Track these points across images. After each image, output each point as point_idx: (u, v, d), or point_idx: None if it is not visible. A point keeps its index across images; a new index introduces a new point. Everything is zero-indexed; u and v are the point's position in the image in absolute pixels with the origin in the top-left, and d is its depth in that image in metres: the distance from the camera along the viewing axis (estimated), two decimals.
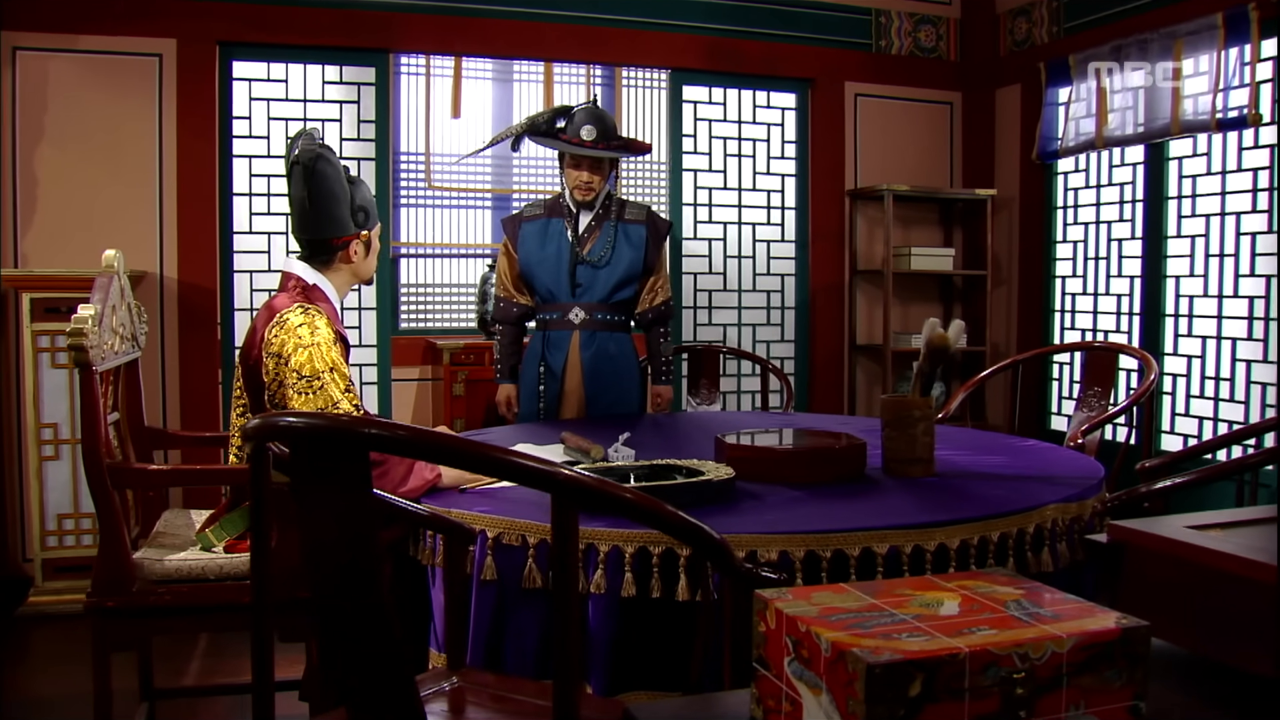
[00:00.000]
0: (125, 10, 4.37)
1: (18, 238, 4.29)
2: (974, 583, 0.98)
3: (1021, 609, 0.90)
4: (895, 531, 1.99)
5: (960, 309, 5.70)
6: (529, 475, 1.25)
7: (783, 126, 5.51)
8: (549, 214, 3.69)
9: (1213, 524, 1.20)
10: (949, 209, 5.69)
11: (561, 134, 3.64)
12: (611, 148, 3.62)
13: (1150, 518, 1.20)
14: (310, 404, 2.37)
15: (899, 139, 5.57)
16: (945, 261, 5.44)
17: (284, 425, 1.33)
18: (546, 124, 3.69)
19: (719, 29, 5.26)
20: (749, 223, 5.50)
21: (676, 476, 2.31)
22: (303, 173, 2.55)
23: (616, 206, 3.68)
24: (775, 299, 5.56)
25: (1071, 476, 2.47)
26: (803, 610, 0.89)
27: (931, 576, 1.02)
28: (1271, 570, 1.00)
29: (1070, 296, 5.11)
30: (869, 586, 0.97)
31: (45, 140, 4.32)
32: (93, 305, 2.30)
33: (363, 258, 2.67)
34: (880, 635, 0.83)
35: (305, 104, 4.76)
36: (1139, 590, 1.17)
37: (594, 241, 3.64)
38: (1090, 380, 3.77)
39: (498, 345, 3.76)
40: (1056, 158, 5.03)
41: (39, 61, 4.31)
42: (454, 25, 4.91)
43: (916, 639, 0.82)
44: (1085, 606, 0.92)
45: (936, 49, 5.61)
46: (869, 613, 0.89)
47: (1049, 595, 0.94)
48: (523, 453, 1.30)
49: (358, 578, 1.30)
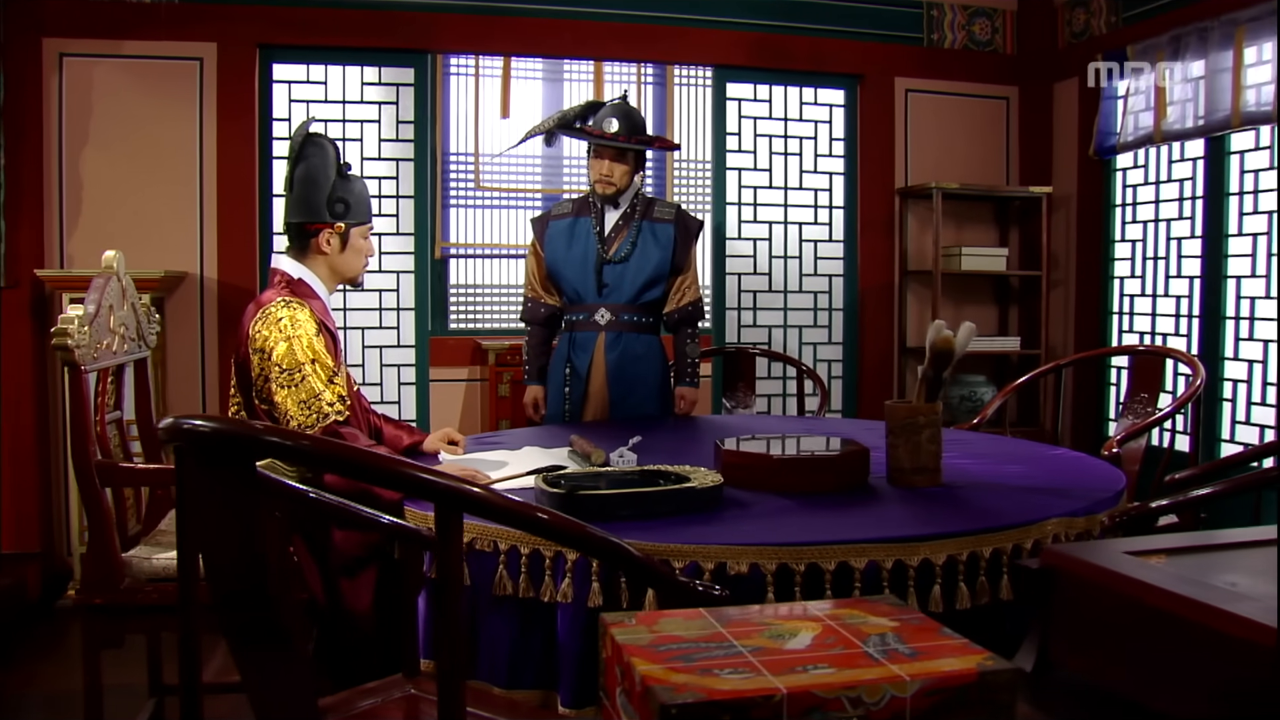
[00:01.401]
0: (167, 15, 4.44)
1: (63, 239, 4.39)
2: (848, 612, 0.89)
3: (881, 645, 0.80)
4: (877, 545, 1.89)
5: (1017, 311, 5.50)
6: (414, 485, 1.19)
7: (830, 124, 5.38)
8: (577, 213, 3.64)
9: (1160, 549, 1.08)
10: (1005, 207, 5.49)
11: (587, 126, 3.62)
12: (633, 142, 3.57)
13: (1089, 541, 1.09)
14: (293, 397, 2.35)
15: (952, 136, 5.39)
16: (998, 261, 5.25)
17: (187, 428, 1.29)
18: (576, 118, 3.67)
19: (765, 25, 5.15)
20: (795, 222, 5.37)
21: (661, 483, 2.23)
22: (291, 154, 2.58)
23: (644, 205, 3.62)
24: (823, 300, 5.43)
25: (1087, 488, 2.32)
26: (636, 638, 0.82)
27: (810, 604, 0.93)
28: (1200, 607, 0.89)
29: (1129, 298, 4.89)
30: (729, 613, 0.89)
31: (90, 144, 4.41)
32: (82, 306, 2.32)
33: (337, 251, 2.64)
34: (699, 670, 0.75)
35: (344, 105, 4.78)
36: (1069, 625, 1.07)
37: (620, 241, 3.58)
38: (1137, 386, 3.59)
39: (526, 346, 3.73)
40: (1114, 153, 4.81)
41: (84, 67, 4.40)
42: (492, 24, 4.89)
43: (737, 676, 0.74)
44: (959, 646, 0.82)
45: (992, 42, 5.42)
46: (707, 643, 0.81)
47: (929, 630, 0.84)
48: (409, 462, 1.23)
49: (252, 579, 1.26)
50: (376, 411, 2.99)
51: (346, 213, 2.65)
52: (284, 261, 2.66)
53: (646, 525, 2.01)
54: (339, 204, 2.63)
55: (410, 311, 4.91)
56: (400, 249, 4.88)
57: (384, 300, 4.88)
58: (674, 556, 1.88)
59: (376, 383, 4.90)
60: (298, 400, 2.34)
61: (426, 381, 4.92)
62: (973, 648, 0.82)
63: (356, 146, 4.81)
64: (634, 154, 3.60)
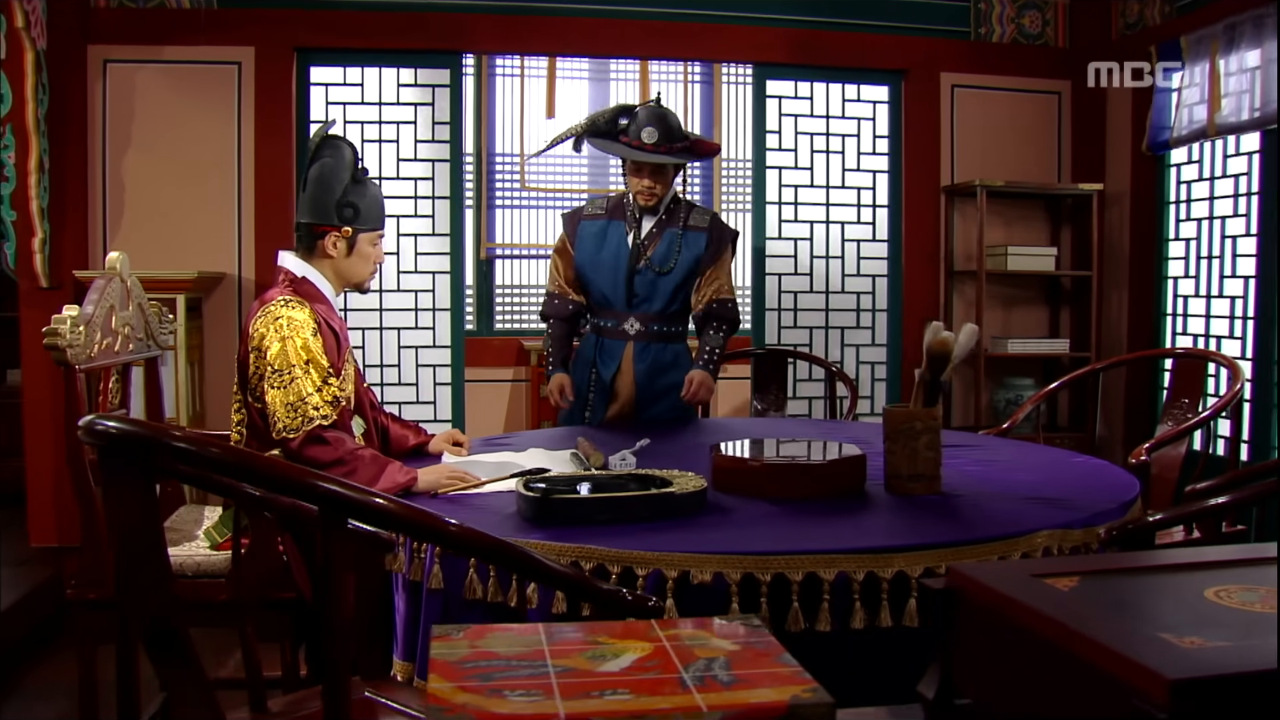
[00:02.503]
0: (207, 21, 4.52)
1: (106, 241, 4.49)
2: (694, 633, 0.83)
3: (703, 671, 0.75)
4: (849, 556, 1.81)
5: (1069, 312, 5.32)
6: (292, 486, 1.16)
7: (874, 121, 5.26)
8: (610, 215, 3.47)
9: (1076, 571, 1.00)
10: (1056, 206, 5.32)
11: (622, 135, 3.37)
12: (675, 151, 3.33)
13: (996, 561, 1.02)
14: (281, 397, 2.35)
15: (1000, 132, 5.23)
16: (1046, 261, 5.08)
17: (99, 429, 1.29)
18: (608, 124, 3.42)
19: (806, 21, 5.06)
20: (837, 221, 5.27)
21: (644, 487, 2.18)
22: (309, 154, 2.58)
23: (683, 211, 3.44)
24: (865, 301, 5.31)
25: (1093, 499, 2.21)
26: (450, 654, 0.77)
27: (657, 622, 0.88)
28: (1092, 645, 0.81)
29: (1182, 299, 4.69)
30: (564, 629, 0.84)
31: (132, 148, 4.51)
32: (75, 307, 2.35)
33: (342, 255, 2.62)
34: (489, 691, 0.70)
35: (380, 107, 4.82)
36: (970, 651, 0.99)
37: (654, 249, 3.40)
38: (1177, 391, 3.44)
39: (547, 340, 3.49)
40: (1168, 148, 4.61)
41: (127, 73, 4.50)
42: (526, 24, 4.88)
43: (524, 699, 0.69)
44: (787, 675, 0.76)
45: (1043, 35, 5.25)
46: (520, 661, 0.76)
47: (765, 657, 0.79)
48: (288, 464, 1.21)
49: (156, 576, 1.25)
50: (385, 411, 2.98)
51: (355, 217, 2.63)
52: (288, 260, 2.65)
53: (620, 530, 1.96)
54: (349, 208, 2.61)
55: (446, 312, 4.92)
56: (436, 249, 4.90)
57: (420, 301, 4.91)
58: (637, 564, 1.83)
59: (412, 383, 4.93)
60: (285, 402, 2.34)
61: (462, 382, 4.93)
62: (801, 677, 0.76)
63: (392, 148, 4.84)
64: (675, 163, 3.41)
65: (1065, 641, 0.82)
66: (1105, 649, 0.77)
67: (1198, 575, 0.99)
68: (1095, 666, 0.78)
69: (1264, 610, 0.90)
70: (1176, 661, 0.74)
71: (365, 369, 4.89)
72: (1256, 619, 0.88)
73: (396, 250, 4.87)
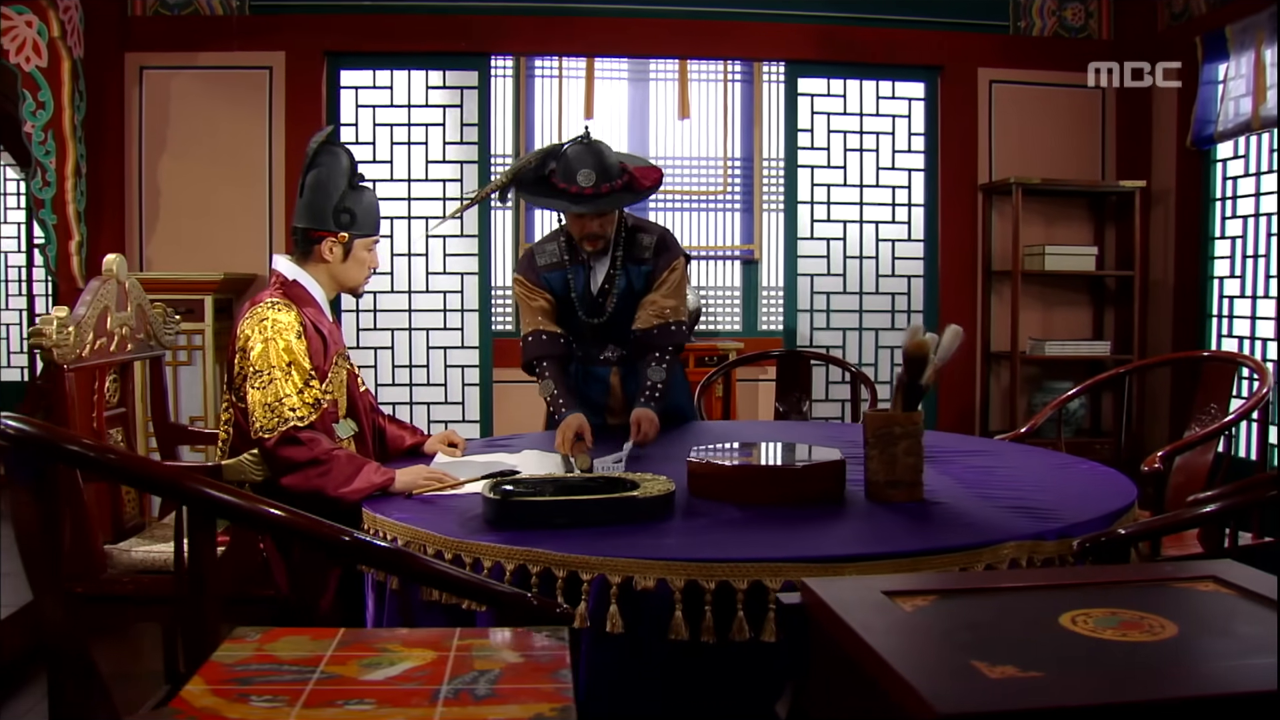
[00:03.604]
0: (239, 27, 4.61)
1: (143, 243, 4.61)
2: (484, 644, 0.81)
3: (464, 684, 0.72)
4: (796, 565, 1.76)
5: (1113, 313, 5.16)
6: (163, 487, 1.16)
7: (909, 118, 5.16)
8: (563, 264, 3.16)
9: (932, 589, 0.96)
10: (1100, 204, 5.15)
11: (553, 177, 3.01)
12: (616, 191, 2.98)
13: (845, 577, 0.98)
14: (259, 398, 2.37)
15: (1041, 129, 5.08)
16: (1086, 261, 4.93)
17: (1, 428, 1.31)
18: (534, 170, 3.05)
19: (837, 17, 4.98)
20: (871, 221, 5.17)
21: (609, 491, 2.15)
22: (306, 159, 2.60)
23: (632, 245, 3.14)
24: (900, 302, 5.21)
25: (1079, 508, 2.12)
26: (231, 655, 0.77)
27: (466, 630, 0.86)
28: (886, 670, 0.77)
29: (1228, 299, 4.50)
30: (363, 634, 0.83)
31: (167, 152, 4.62)
32: (64, 309, 2.40)
33: (339, 260, 2.64)
34: (237, 695, 0.69)
35: (409, 109, 4.86)
36: (818, 670, 0.95)
37: (612, 295, 3.15)
38: (1205, 395, 3.29)
39: (547, 385, 3.08)
40: (1212, 143, 4.44)
41: (162, 79, 4.61)
42: (553, 25, 4.89)
43: (264, 705, 0.68)
44: (546, 693, 0.73)
45: (1085, 28, 5.09)
46: (290, 667, 0.75)
47: (539, 672, 0.76)
48: (164, 465, 1.21)
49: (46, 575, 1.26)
50: (383, 412, 2.99)
51: (351, 223, 2.65)
52: (282, 263, 2.68)
53: (575, 535, 1.94)
54: (345, 214, 2.63)
55: (474, 313, 4.94)
56: (464, 250, 4.92)
57: (449, 302, 4.94)
58: (582, 569, 1.81)
59: (440, 383, 4.96)
60: (263, 402, 2.36)
61: (490, 382, 4.95)
62: (560, 695, 0.73)
63: (421, 150, 4.88)
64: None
65: (866, 665, 0.78)
66: (896, 675, 0.73)
67: (1066, 596, 0.94)
68: (887, 694, 0.74)
69: (1114, 638, 0.84)
70: (955, 694, 0.69)
71: (394, 369, 4.94)
72: (1099, 647, 0.82)
73: (425, 251, 4.91)
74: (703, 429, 3.39)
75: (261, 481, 2.40)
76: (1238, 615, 0.88)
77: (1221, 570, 1.00)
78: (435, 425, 4.95)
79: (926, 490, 2.30)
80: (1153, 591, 0.94)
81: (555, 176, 2.98)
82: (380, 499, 2.31)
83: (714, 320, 5.83)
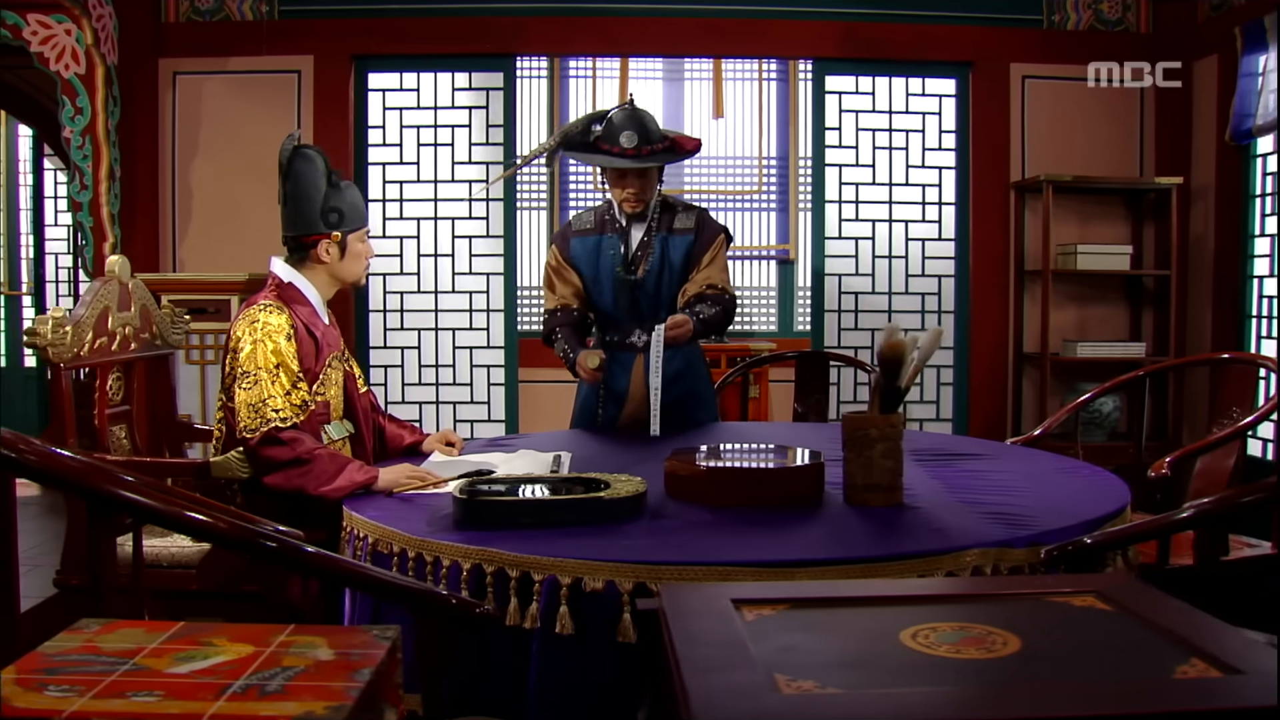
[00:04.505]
0: (268, 31, 4.70)
1: (175, 245, 4.72)
2: (305, 640, 0.81)
3: (258, 680, 0.73)
4: (744, 569, 1.74)
5: (1151, 314, 5.02)
6: (69, 485, 1.19)
7: (940, 115, 5.08)
8: (600, 229, 3.29)
9: (784, 598, 0.94)
10: (1138, 201, 5.02)
11: (599, 142, 3.17)
12: (656, 153, 3.16)
13: (702, 584, 0.96)
14: (245, 398, 2.41)
15: (1076, 125, 4.96)
16: (1120, 260, 4.80)
17: None
18: (581, 134, 3.24)
19: (865, 13, 4.92)
20: (901, 220, 5.10)
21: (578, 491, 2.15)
22: (280, 170, 2.63)
23: (668, 216, 3.28)
24: (930, 302, 5.13)
25: (1059, 515, 2.07)
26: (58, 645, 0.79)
27: (301, 627, 0.86)
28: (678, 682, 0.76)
29: (1268, 299, 4.36)
30: (201, 627, 0.84)
31: (199, 155, 4.73)
32: (61, 309, 2.46)
33: (337, 259, 2.68)
34: (39, 685, 0.71)
35: (435, 111, 4.91)
36: (664, 680, 0.93)
37: (646, 260, 3.26)
38: (1226, 398, 3.19)
39: (560, 344, 3.26)
40: (1250, 137, 4.30)
41: (195, 84, 4.71)
42: (577, 25, 4.90)
43: (56, 694, 0.69)
44: (334, 691, 0.73)
45: (1123, 20, 4.96)
46: (106, 658, 0.76)
47: (343, 671, 0.76)
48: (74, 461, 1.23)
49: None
50: (385, 412, 3.02)
51: (341, 221, 2.68)
52: (278, 265, 2.73)
53: (538, 535, 1.94)
54: (333, 214, 2.67)
55: (500, 313, 4.98)
56: (490, 251, 4.96)
57: (474, 302, 4.98)
58: (534, 569, 1.81)
59: (466, 383, 5.00)
60: (247, 403, 2.40)
61: (515, 381, 4.98)
62: (346, 694, 0.73)
63: (447, 151, 4.93)
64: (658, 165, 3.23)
65: (673, 673, 0.77)
66: (681, 684, 0.72)
67: (923, 609, 0.92)
68: (678, 706, 0.73)
69: (945, 654, 0.82)
70: (722, 707, 0.68)
71: (421, 369, 4.99)
72: (926, 664, 0.80)
73: (451, 252, 4.95)
74: (711, 429, 3.36)
75: (248, 479, 2.44)
76: (1093, 634, 0.85)
77: (1109, 585, 0.97)
78: (461, 425, 5.00)
79: (909, 494, 2.26)
80: (1021, 606, 0.91)
81: (600, 140, 3.16)
82: (361, 497, 2.33)
83: (749, 321, 5.80)
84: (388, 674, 0.82)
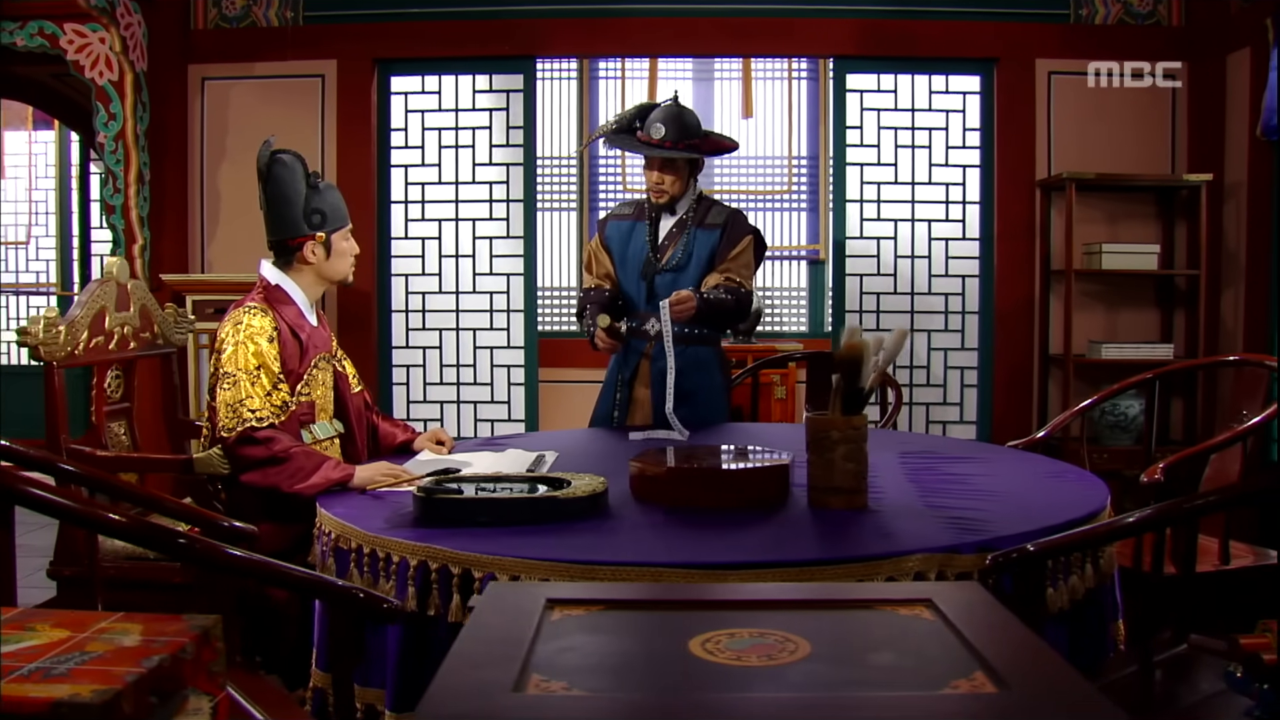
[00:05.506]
0: (293, 37, 4.79)
1: (204, 247, 4.84)
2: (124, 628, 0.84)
3: (53, 663, 0.76)
4: (677, 570, 1.75)
5: (1183, 314, 4.89)
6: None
7: (964, 113, 5.00)
8: (636, 216, 3.51)
9: (600, 599, 0.94)
10: (1169, 199, 4.90)
11: (638, 132, 3.41)
12: (681, 148, 3.31)
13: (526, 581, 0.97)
14: (224, 398, 2.47)
15: (1103, 122, 4.85)
16: (1148, 259, 4.69)
17: None
18: (627, 123, 3.48)
19: (886, 10, 4.88)
20: (923, 219, 5.04)
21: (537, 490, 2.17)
22: (260, 177, 2.68)
23: (701, 212, 3.42)
24: (954, 303, 5.06)
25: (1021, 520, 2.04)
26: None
27: (130, 615, 0.89)
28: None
29: None
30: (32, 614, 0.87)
31: (226, 159, 4.84)
32: (55, 309, 2.55)
33: (322, 259, 2.72)
34: None
35: (457, 113, 4.97)
36: None
37: (672, 249, 3.41)
38: (1238, 401, 3.11)
39: (586, 320, 3.42)
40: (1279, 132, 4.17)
41: (222, 89, 4.83)
42: (597, 27, 4.92)
43: None
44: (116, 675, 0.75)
45: (1154, 14, 4.84)
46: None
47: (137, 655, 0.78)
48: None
49: None
50: (379, 411, 3.07)
51: (324, 222, 2.73)
52: (265, 268, 2.78)
53: (497, 533, 1.97)
54: (316, 215, 2.72)
55: (520, 313, 5.02)
56: (510, 252, 5.00)
57: (494, 302, 5.02)
58: (474, 567, 1.84)
59: (487, 383, 5.05)
60: (226, 402, 2.46)
61: (536, 382, 5.02)
62: (119, 679, 0.75)
63: (468, 153, 4.98)
64: (687, 159, 3.40)
65: None
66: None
67: (730, 615, 0.91)
68: None
69: (722, 662, 0.81)
70: (448, 704, 0.69)
71: (442, 369, 5.05)
72: (694, 669, 0.80)
73: (472, 253, 5.01)
74: (712, 430, 3.36)
75: (229, 475, 2.51)
76: (889, 646, 0.84)
77: (947, 595, 0.95)
78: (482, 424, 5.05)
79: (879, 497, 2.25)
80: (841, 615, 0.90)
81: (639, 129, 3.41)
82: (335, 494, 2.38)
83: (779, 321, 5.79)
84: (196, 661, 0.85)
